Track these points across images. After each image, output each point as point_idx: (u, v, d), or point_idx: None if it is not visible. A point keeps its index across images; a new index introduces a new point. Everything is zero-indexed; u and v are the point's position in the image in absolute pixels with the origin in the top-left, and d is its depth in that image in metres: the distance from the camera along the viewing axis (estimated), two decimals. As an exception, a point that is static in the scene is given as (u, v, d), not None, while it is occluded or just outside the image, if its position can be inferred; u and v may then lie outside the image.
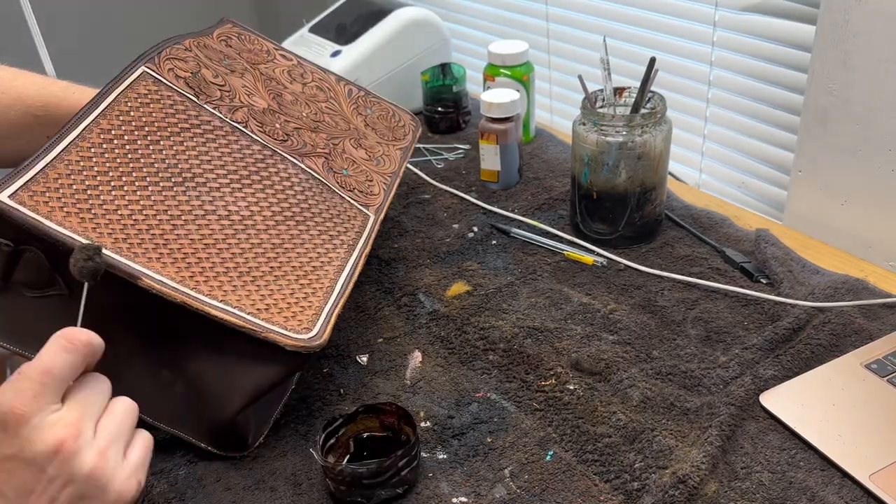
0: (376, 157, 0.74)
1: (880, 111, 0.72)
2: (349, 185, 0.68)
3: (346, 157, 0.71)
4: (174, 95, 0.63)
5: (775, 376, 0.61)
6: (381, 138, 0.77)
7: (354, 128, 0.75)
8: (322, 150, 0.69)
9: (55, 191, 0.52)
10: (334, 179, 0.67)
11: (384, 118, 0.80)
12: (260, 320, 0.52)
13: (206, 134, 0.62)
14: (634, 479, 0.54)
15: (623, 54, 1.08)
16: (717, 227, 0.81)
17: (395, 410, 0.57)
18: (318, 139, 0.70)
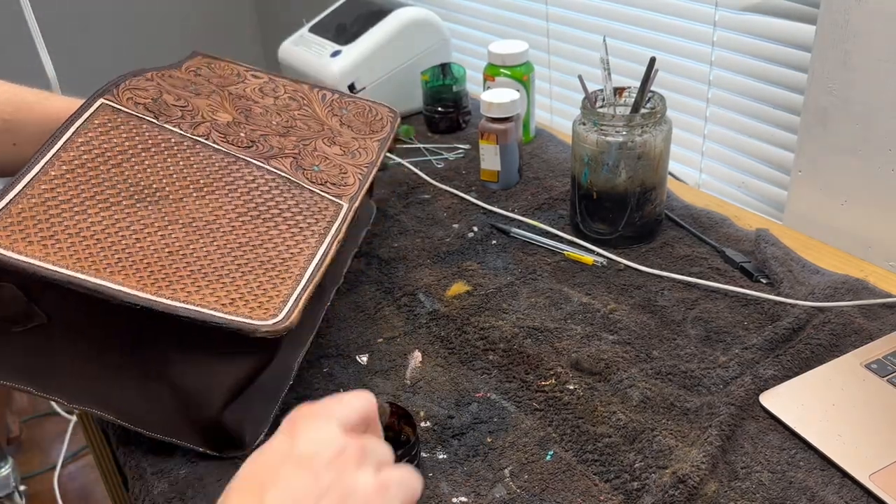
0: (352, 150, 0.75)
1: (880, 111, 0.72)
2: (320, 180, 0.69)
3: (317, 155, 0.72)
4: (133, 120, 0.65)
5: (775, 376, 0.61)
6: (358, 133, 0.79)
7: (329, 128, 0.77)
8: (290, 152, 0.71)
9: (18, 224, 0.53)
10: (304, 176, 0.68)
11: (360, 115, 0.82)
12: (223, 314, 0.53)
13: (166, 150, 0.64)
14: (634, 479, 0.54)
15: (623, 54, 1.08)
16: (717, 227, 0.81)
17: (395, 410, 0.57)
18: (286, 142, 0.72)
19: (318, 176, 0.69)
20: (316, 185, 0.68)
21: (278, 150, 0.70)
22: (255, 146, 0.69)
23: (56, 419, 1.78)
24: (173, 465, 0.58)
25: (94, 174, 0.59)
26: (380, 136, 0.80)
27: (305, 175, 0.69)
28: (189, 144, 0.66)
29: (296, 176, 0.68)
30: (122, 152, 0.62)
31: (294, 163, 0.70)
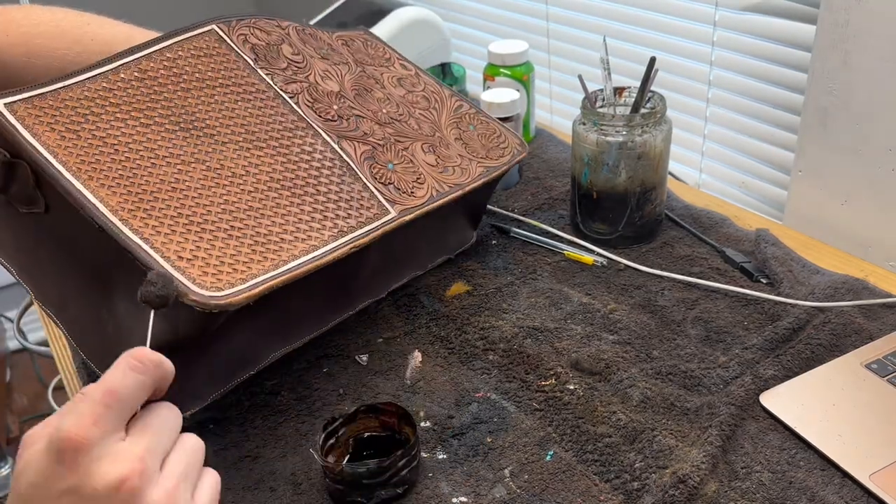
0: (447, 166, 0.69)
1: (880, 111, 0.72)
2: (386, 179, 0.64)
3: (403, 155, 0.67)
4: (231, 55, 0.63)
5: (775, 376, 0.61)
6: (468, 153, 0.72)
7: (440, 137, 0.71)
8: (374, 141, 0.66)
9: (55, 109, 0.52)
10: (368, 168, 0.63)
11: (485, 136, 0.75)
12: (168, 264, 0.49)
13: (243, 94, 0.61)
14: (634, 479, 0.54)
15: (623, 54, 1.08)
16: (717, 226, 0.81)
17: (395, 410, 0.57)
18: (378, 131, 0.67)
19: (386, 174, 0.64)
20: (376, 182, 0.63)
21: (361, 135, 0.65)
22: (338, 121, 0.65)
23: (56, 419, 1.78)
24: (173, 465, 0.58)
25: (158, 90, 0.58)
26: (489, 163, 0.72)
27: (371, 168, 0.64)
28: (270, 95, 0.63)
29: (360, 164, 0.63)
30: (199, 80, 0.60)
31: (369, 151, 0.65)
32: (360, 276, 0.68)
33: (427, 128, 0.72)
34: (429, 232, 0.73)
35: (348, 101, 0.68)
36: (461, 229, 0.79)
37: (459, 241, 0.80)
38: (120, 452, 0.35)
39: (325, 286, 0.64)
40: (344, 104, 0.67)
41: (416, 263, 0.75)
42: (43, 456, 0.34)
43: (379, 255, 0.67)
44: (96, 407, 0.34)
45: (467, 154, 0.72)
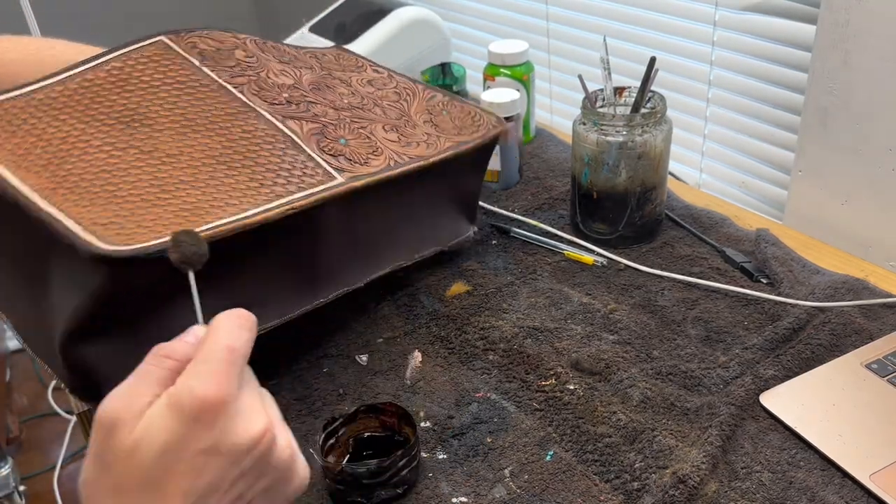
0: (411, 142, 0.67)
1: (880, 111, 0.72)
2: (336, 151, 0.62)
3: (360, 133, 0.65)
4: (177, 59, 0.63)
5: (775, 376, 0.61)
6: (438, 132, 0.70)
7: (406, 120, 0.70)
8: (326, 120, 0.65)
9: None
10: (315, 142, 0.62)
11: (459, 118, 0.73)
12: (81, 229, 0.48)
13: (186, 89, 0.61)
14: (634, 479, 0.54)
15: (623, 54, 1.08)
16: (718, 226, 0.81)
17: (395, 410, 0.57)
18: (333, 113, 0.66)
19: (337, 147, 0.63)
20: (323, 154, 0.61)
21: (312, 116, 0.64)
22: (288, 105, 0.64)
23: (56, 419, 1.78)
24: (173, 465, 0.58)
25: (101, 94, 0.58)
26: (460, 138, 0.70)
27: (319, 142, 0.62)
28: (214, 88, 0.62)
29: (306, 139, 0.62)
30: (143, 82, 0.60)
31: (318, 129, 0.63)
32: (322, 259, 0.63)
33: (393, 114, 0.71)
34: (409, 217, 0.70)
35: (302, 92, 0.67)
36: (453, 219, 0.76)
37: (453, 233, 0.77)
38: (250, 407, 0.36)
39: (279, 266, 0.60)
40: (297, 93, 0.66)
41: (400, 252, 0.71)
42: (173, 419, 0.34)
43: (342, 235, 0.63)
44: (224, 366, 0.35)
45: (436, 132, 0.70)
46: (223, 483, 0.35)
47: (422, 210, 0.71)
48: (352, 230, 0.64)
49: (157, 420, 0.34)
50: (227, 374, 0.35)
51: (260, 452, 0.35)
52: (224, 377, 0.35)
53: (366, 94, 0.72)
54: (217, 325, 0.37)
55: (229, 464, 0.34)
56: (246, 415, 0.35)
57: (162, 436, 0.33)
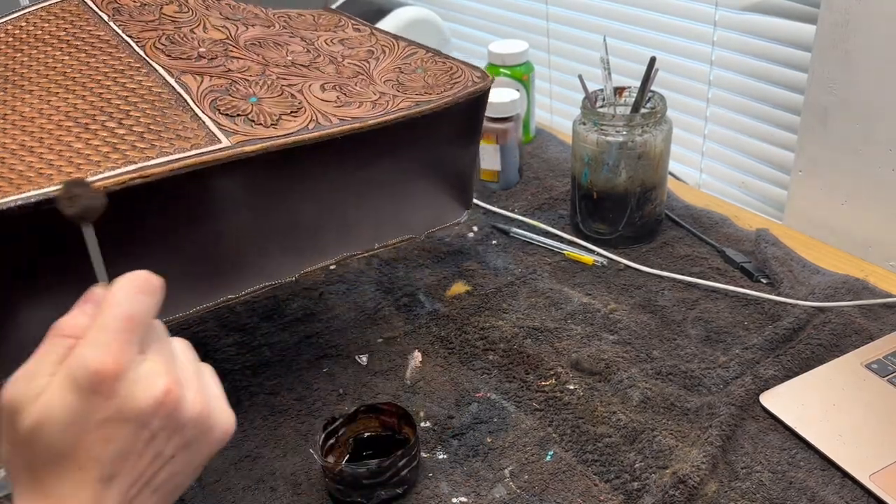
0: (353, 101, 0.58)
1: (880, 111, 0.72)
2: (236, 111, 0.54)
3: (283, 91, 0.57)
4: (85, 15, 0.60)
5: (775, 376, 0.61)
6: (397, 91, 0.60)
7: (361, 79, 0.61)
8: (240, 76, 0.57)
9: None
10: (210, 101, 0.54)
11: (434, 76, 0.63)
12: None
13: (80, 45, 0.57)
14: (634, 479, 0.54)
15: (623, 54, 1.08)
16: (718, 226, 0.81)
17: (395, 410, 0.57)
18: (256, 69, 0.59)
19: (240, 106, 0.54)
20: (215, 114, 0.53)
21: (223, 71, 0.57)
22: (195, 60, 0.58)
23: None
24: (173, 465, 0.58)
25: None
26: (427, 97, 0.59)
27: (216, 101, 0.54)
28: (112, 44, 0.58)
29: (199, 97, 0.54)
30: (36, 39, 0.57)
31: (222, 85, 0.56)
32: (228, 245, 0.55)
33: (348, 72, 0.62)
34: (364, 196, 0.60)
35: (229, 47, 0.61)
36: (434, 202, 0.66)
37: (433, 218, 0.67)
38: (151, 371, 0.36)
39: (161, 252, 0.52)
40: (219, 48, 0.60)
41: (351, 239, 0.62)
42: (70, 394, 0.34)
43: (259, 216, 0.55)
44: (119, 334, 0.35)
45: (395, 91, 0.60)
46: (136, 446, 0.35)
47: (383, 189, 0.62)
48: (274, 210, 0.56)
49: (56, 397, 0.34)
50: (123, 342, 0.35)
51: (167, 411, 0.35)
52: (118, 346, 0.35)
53: (327, 52, 0.64)
54: (114, 291, 0.36)
55: (137, 427, 0.35)
56: (146, 377, 0.35)
57: (63, 412, 0.34)
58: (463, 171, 0.66)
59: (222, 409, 0.39)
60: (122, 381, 0.34)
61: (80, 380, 0.34)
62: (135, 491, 0.36)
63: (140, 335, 0.36)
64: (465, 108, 0.61)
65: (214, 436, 0.38)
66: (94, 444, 0.34)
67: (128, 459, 0.35)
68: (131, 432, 0.35)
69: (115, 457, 0.35)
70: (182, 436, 0.37)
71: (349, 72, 0.62)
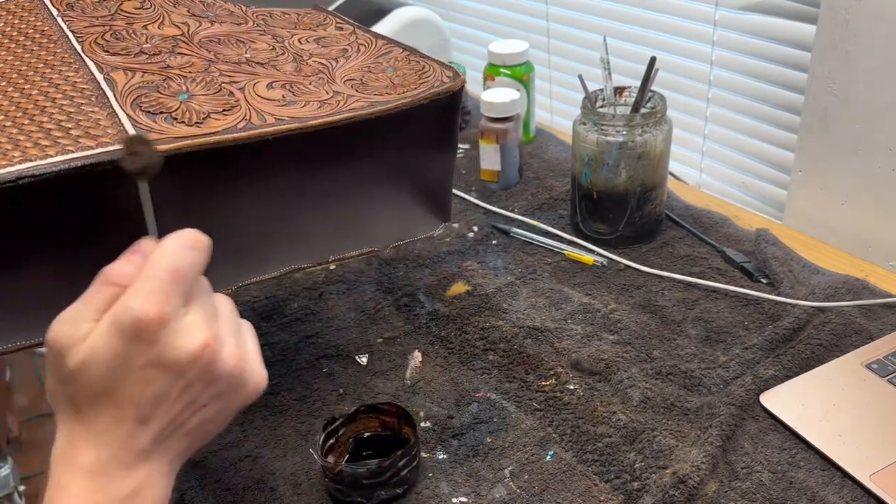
0: (298, 101, 0.53)
1: (880, 111, 0.72)
2: (159, 109, 0.50)
3: (222, 88, 0.53)
4: (35, 10, 0.59)
5: (775, 376, 0.61)
6: (353, 90, 0.56)
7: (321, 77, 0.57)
8: (178, 73, 0.54)
9: None
10: (133, 98, 0.51)
11: (404, 75, 0.59)
12: None
13: (20, 42, 0.57)
14: (634, 479, 0.54)
15: (623, 54, 1.08)
16: (718, 226, 0.81)
17: (395, 410, 0.57)
18: (200, 65, 0.56)
19: (163, 104, 0.50)
20: (132, 111, 0.50)
21: (159, 68, 0.54)
22: (134, 56, 0.55)
23: (56, 419, 1.78)
24: (173, 465, 0.58)
25: None
26: (385, 98, 0.55)
27: (141, 97, 0.51)
28: (53, 38, 0.57)
29: (122, 94, 0.51)
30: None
31: (154, 81, 0.53)
32: None
33: (308, 70, 0.58)
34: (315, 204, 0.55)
35: (179, 43, 0.58)
36: (403, 213, 0.60)
37: (403, 230, 0.61)
38: (193, 323, 0.37)
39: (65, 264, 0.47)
40: (166, 44, 0.58)
41: (304, 249, 0.56)
42: (114, 339, 0.36)
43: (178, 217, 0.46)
44: (166, 286, 0.36)
45: (350, 91, 0.55)
46: (171, 392, 0.37)
47: (340, 197, 0.56)
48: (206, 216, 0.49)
49: (101, 341, 0.36)
50: (168, 293, 0.36)
51: (203, 364, 0.37)
52: (164, 296, 0.36)
53: (295, 50, 0.61)
54: (164, 244, 0.38)
55: (174, 376, 0.37)
56: (187, 330, 0.37)
57: (107, 355, 0.36)
58: (437, 179, 0.61)
59: (256, 366, 0.41)
60: (164, 331, 0.36)
61: (124, 326, 0.36)
62: (167, 433, 0.38)
63: (185, 289, 0.37)
64: (433, 111, 0.56)
65: (247, 390, 0.40)
66: (134, 386, 0.36)
67: (163, 404, 0.37)
68: (168, 379, 0.37)
69: (152, 400, 0.37)
70: (216, 387, 0.39)
71: (310, 70, 0.58)
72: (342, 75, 0.58)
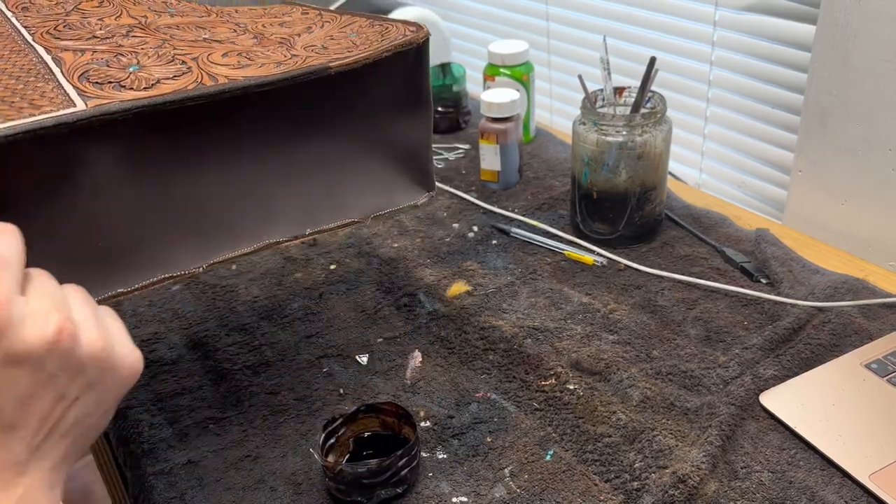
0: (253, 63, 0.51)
1: (880, 111, 0.72)
2: (107, 79, 0.48)
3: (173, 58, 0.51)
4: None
5: (775, 376, 0.61)
6: (314, 52, 0.53)
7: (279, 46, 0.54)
8: (130, 49, 0.52)
9: None
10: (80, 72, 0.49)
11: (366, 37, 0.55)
12: None
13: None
14: (634, 479, 0.54)
15: (623, 54, 1.08)
16: (717, 226, 0.81)
17: (395, 410, 0.57)
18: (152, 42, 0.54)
19: (111, 75, 0.48)
20: (80, 83, 0.48)
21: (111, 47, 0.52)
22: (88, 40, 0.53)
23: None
24: (173, 465, 0.58)
25: None
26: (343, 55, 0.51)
27: (88, 71, 0.49)
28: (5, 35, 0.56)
29: (71, 70, 0.49)
30: None
31: (102, 58, 0.51)
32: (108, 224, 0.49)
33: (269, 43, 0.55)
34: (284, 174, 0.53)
35: (135, 29, 0.56)
36: (381, 181, 0.57)
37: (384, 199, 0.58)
38: (38, 309, 0.34)
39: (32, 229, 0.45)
40: (121, 30, 0.56)
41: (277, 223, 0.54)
42: None
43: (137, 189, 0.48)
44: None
45: (309, 53, 0.53)
46: (35, 390, 0.33)
47: (313, 166, 0.55)
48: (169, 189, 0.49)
49: None
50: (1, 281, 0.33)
51: (63, 351, 0.33)
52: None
53: (256, 31, 0.59)
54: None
55: (32, 370, 0.33)
56: (33, 317, 0.33)
57: None
58: (413, 145, 0.57)
59: (126, 347, 0.37)
60: (7, 323, 0.32)
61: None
62: (41, 437, 0.34)
63: (18, 276, 0.34)
64: (398, 66, 0.53)
65: (120, 374, 0.37)
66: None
67: (28, 405, 0.33)
68: (27, 375, 0.33)
69: (14, 403, 0.33)
70: (84, 376, 0.35)
71: (270, 43, 0.55)
72: (303, 44, 0.55)
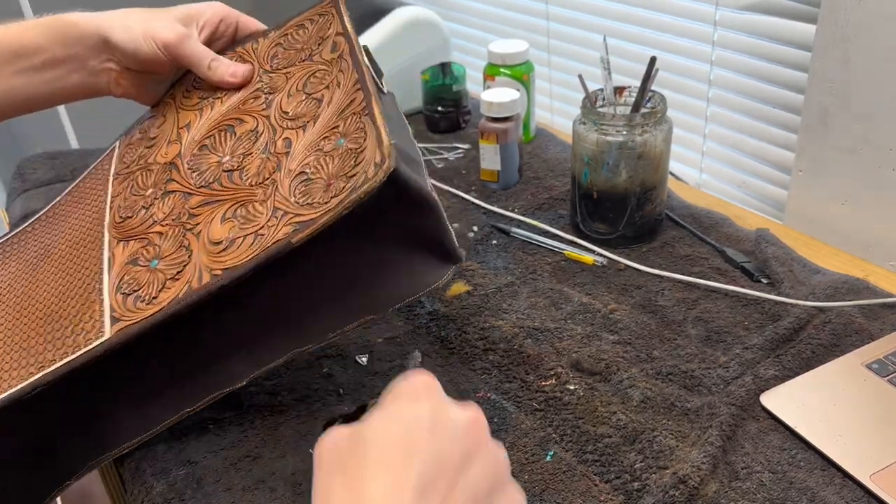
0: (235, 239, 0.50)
1: (880, 111, 0.72)
2: (133, 287, 0.51)
3: (183, 241, 0.53)
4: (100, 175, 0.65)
5: (776, 376, 0.61)
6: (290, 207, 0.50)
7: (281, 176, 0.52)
8: (157, 230, 0.54)
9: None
10: (119, 277, 0.52)
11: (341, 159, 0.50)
12: None
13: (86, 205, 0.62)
14: (635, 480, 0.54)
15: (623, 54, 1.08)
16: (718, 226, 0.81)
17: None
18: (180, 206, 0.55)
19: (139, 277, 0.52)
20: (116, 295, 0.51)
21: (144, 227, 0.55)
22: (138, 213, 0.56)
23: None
24: (172, 466, 0.58)
25: None
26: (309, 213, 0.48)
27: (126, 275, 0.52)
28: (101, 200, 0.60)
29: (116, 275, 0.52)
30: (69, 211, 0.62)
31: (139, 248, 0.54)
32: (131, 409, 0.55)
33: (270, 166, 0.53)
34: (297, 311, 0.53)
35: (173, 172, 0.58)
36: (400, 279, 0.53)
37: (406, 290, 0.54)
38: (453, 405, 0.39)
39: None
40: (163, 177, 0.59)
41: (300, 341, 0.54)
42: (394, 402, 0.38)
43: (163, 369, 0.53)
44: None
45: (286, 208, 0.50)
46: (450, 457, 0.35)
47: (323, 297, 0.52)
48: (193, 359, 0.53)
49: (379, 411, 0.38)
50: None
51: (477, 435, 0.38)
52: None
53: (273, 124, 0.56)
54: None
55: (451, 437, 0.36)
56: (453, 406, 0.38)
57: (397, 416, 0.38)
58: (431, 234, 0.53)
59: None
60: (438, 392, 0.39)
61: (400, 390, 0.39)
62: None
63: None
64: (371, 209, 0.46)
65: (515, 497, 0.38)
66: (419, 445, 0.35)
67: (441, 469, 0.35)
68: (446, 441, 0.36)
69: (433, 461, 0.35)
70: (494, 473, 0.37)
71: (270, 167, 0.53)
72: (296, 166, 0.52)
